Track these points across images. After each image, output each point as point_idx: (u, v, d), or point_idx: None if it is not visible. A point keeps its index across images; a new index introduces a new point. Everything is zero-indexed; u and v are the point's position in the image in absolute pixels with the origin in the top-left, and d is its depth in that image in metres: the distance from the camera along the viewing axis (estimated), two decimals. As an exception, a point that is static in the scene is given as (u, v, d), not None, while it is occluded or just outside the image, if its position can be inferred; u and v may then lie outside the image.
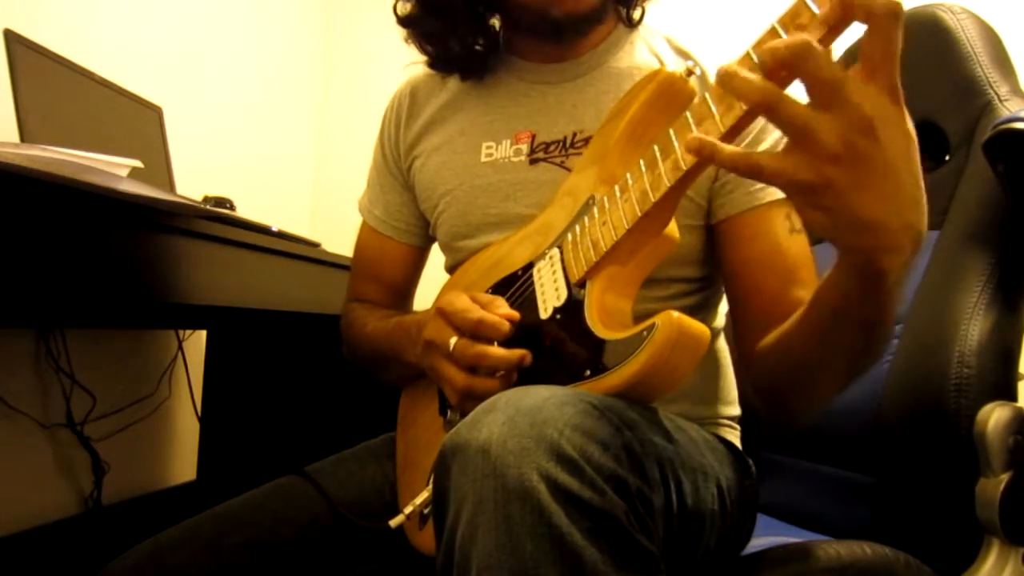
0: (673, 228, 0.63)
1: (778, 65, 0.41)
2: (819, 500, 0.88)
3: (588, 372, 0.56)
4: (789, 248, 0.71)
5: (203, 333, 1.95)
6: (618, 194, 0.61)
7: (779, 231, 0.71)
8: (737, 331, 0.74)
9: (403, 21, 0.84)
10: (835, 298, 0.52)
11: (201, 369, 1.94)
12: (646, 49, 0.82)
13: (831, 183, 0.42)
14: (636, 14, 0.83)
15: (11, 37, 1.18)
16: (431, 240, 0.94)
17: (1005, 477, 0.66)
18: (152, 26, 1.79)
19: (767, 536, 0.76)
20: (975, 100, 0.83)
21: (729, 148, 0.44)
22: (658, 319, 0.52)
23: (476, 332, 0.62)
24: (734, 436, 0.80)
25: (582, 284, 0.63)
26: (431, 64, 0.87)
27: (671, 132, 0.56)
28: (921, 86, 0.85)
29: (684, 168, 0.54)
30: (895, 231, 0.45)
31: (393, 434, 0.87)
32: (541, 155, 0.78)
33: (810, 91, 0.41)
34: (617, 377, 0.54)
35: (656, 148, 0.57)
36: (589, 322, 0.60)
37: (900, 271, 0.47)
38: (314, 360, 1.84)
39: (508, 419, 0.42)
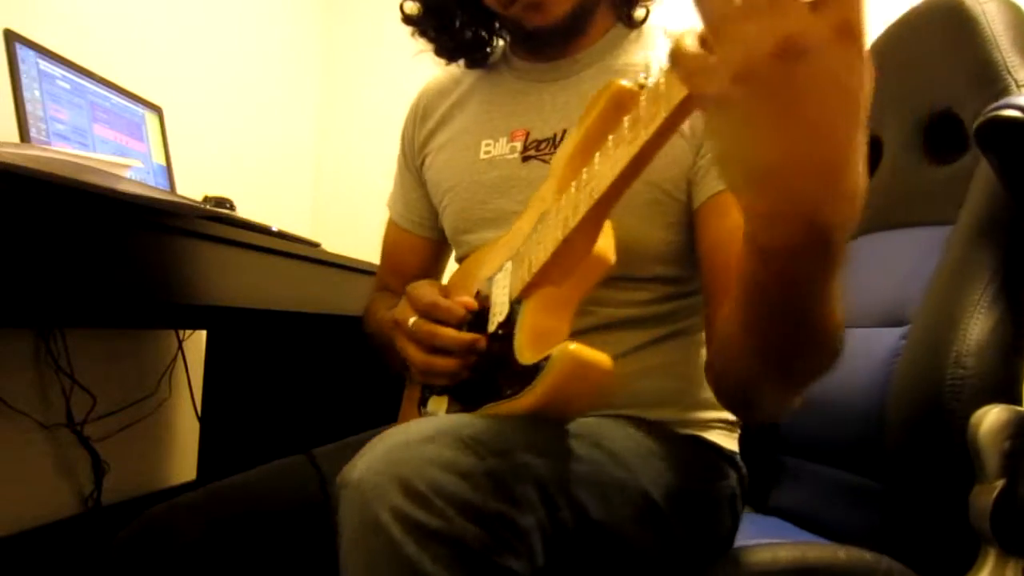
0: (605, 248, 0.60)
1: None
2: (834, 505, 0.86)
3: (509, 392, 0.58)
4: None
5: (203, 333, 1.95)
6: (554, 213, 0.61)
7: None
8: (707, 325, 0.70)
9: (407, 20, 0.89)
10: (747, 273, 0.47)
11: (201, 369, 1.94)
12: (643, 46, 0.82)
13: (726, 103, 0.36)
14: (639, 14, 0.83)
15: (11, 37, 1.18)
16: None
17: (999, 484, 0.63)
18: (152, 26, 1.79)
19: (760, 538, 0.74)
20: (992, 87, 0.75)
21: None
22: (555, 350, 0.53)
23: (429, 314, 0.66)
24: (724, 437, 0.79)
25: (519, 302, 0.63)
26: (437, 52, 0.90)
27: (597, 154, 0.56)
28: (941, 75, 0.81)
29: (595, 197, 0.54)
30: (780, 194, 0.38)
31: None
32: (533, 152, 0.79)
33: None
34: (521, 404, 0.56)
35: (585, 171, 0.58)
36: (515, 343, 0.61)
37: (780, 253, 0.41)
38: (314, 360, 1.84)
39: (375, 459, 0.47)
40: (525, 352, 0.59)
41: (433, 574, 0.43)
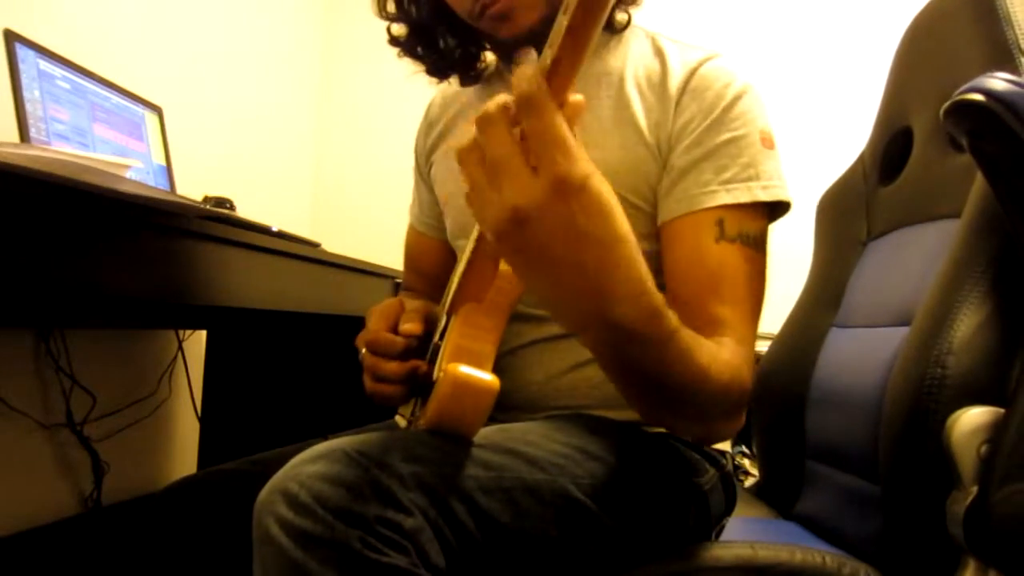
0: None
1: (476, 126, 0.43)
2: (846, 512, 0.84)
3: (424, 405, 0.60)
4: (710, 256, 0.68)
5: (203, 333, 1.95)
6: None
7: (703, 238, 0.69)
8: None
9: (394, 42, 0.90)
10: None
11: (201, 369, 1.94)
12: (623, 51, 0.81)
13: (499, 253, 0.45)
14: (620, 18, 0.82)
15: (11, 37, 1.18)
16: None
17: (974, 491, 0.59)
18: (152, 26, 1.79)
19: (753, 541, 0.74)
20: (1004, 67, 0.69)
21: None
22: (441, 372, 0.55)
23: (372, 348, 0.71)
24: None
25: (450, 315, 0.64)
26: (428, 72, 0.91)
27: None
28: (963, 58, 0.78)
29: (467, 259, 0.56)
30: (569, 315, 0.47)
31: None
32: None
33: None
34: (423, 420, 0.58)
35: None
36: (438, 357, 0.62)
37: (600, 348, 0.50)
38: (314, 360, 1.84)
39: (271, 481, 0.52)
40: (437, 366, 0.61)
41: (316, 573, 0.47)
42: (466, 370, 0.54)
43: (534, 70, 0.41)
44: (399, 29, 0.88)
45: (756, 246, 0.71)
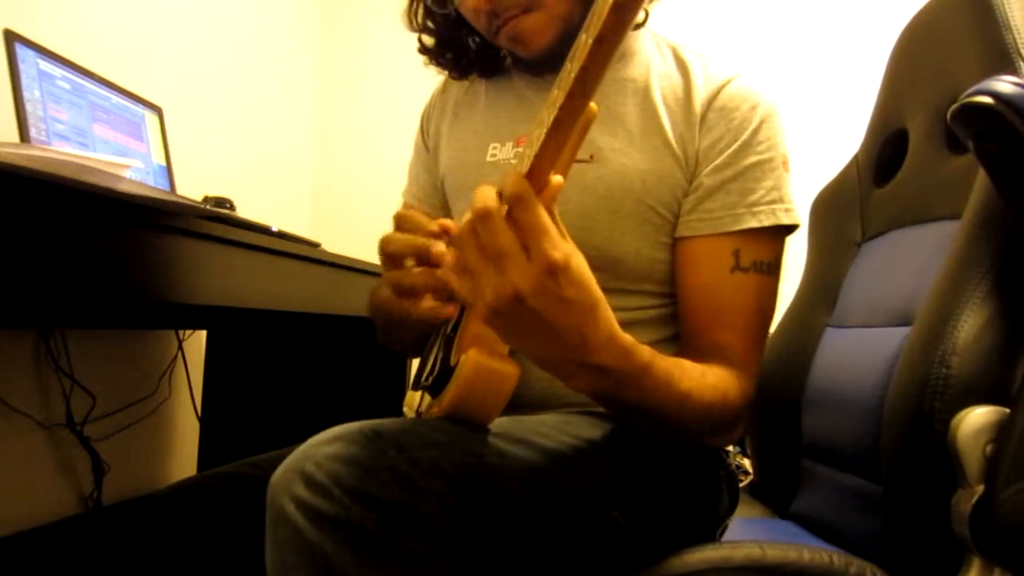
0: None
1: (468, 222, 0.48)
2: (845, 511, 0.84)
3: (441, 392, 0.60)
4: (723, 286, 0.71)
5: (203, 333, 1.95)
6: None
7: (718, 266, 0.72)
8: None
9: (423, 51, 0.91)
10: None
11: (201, 369, 1.94)
12: (646, 60, 0.81)
13: (491, 324, 0.51)
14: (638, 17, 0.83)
15: (11, 37, 1.18)
16: None
17: (979, 489, 0.60)
18: (152, 26, 1.79)
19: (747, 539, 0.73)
20: (1004, 71, 0.69)
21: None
22: (462, 357, 0.56)
23: (391, 252, 0.63)
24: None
25: (462, 308, 0.64)
26: (452, 76, 0.92)
27: None
28: (960, 62, 0.78)
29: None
30: (556, 366, 0.55)
31: None
32: None
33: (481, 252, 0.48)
34: (439, 406, 0.59)
35: None
36: (453, 346, 0.63)
37: (585, 387, 0.57)
38: (314, 360, 1.84)
39: (288, 460, 0.52)
40: (455, 354, 0.62)
41: (334, 556, 0.47)
42: (490, 356, 0.55)
43: (517, 174, 0.48)
44: (428, 40, 0.89)
45: (769, 271, 0.73)
